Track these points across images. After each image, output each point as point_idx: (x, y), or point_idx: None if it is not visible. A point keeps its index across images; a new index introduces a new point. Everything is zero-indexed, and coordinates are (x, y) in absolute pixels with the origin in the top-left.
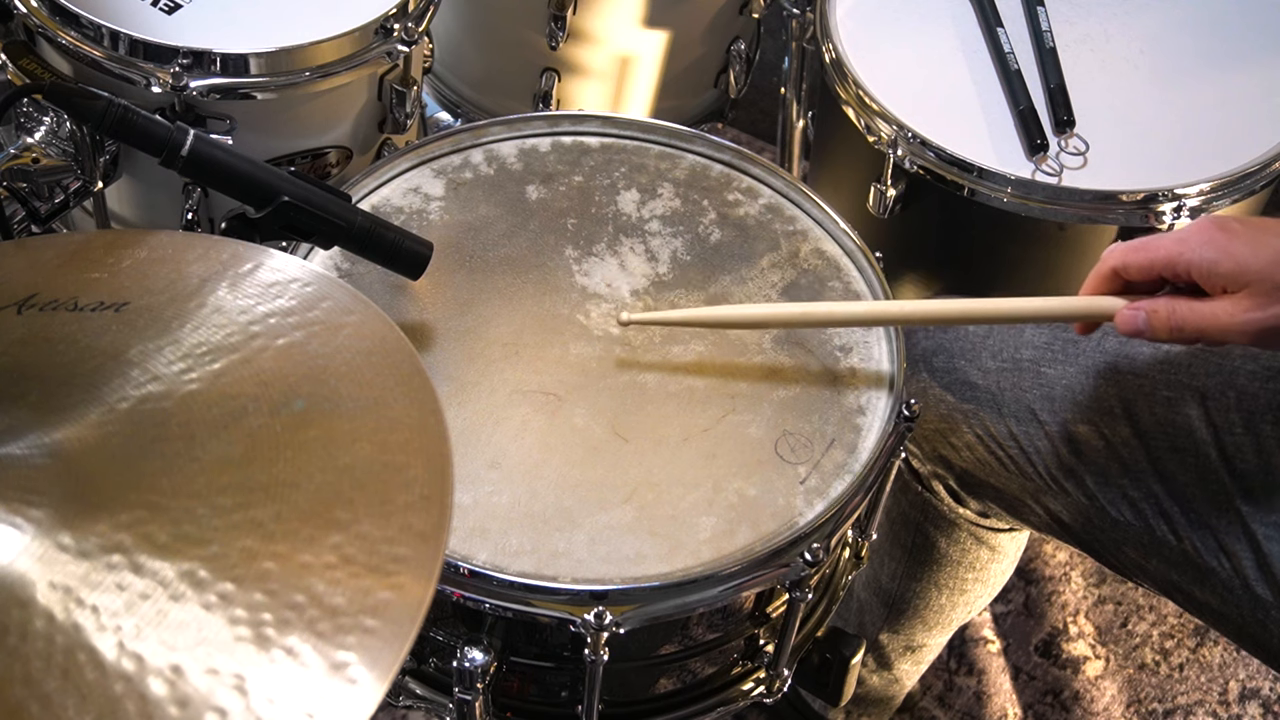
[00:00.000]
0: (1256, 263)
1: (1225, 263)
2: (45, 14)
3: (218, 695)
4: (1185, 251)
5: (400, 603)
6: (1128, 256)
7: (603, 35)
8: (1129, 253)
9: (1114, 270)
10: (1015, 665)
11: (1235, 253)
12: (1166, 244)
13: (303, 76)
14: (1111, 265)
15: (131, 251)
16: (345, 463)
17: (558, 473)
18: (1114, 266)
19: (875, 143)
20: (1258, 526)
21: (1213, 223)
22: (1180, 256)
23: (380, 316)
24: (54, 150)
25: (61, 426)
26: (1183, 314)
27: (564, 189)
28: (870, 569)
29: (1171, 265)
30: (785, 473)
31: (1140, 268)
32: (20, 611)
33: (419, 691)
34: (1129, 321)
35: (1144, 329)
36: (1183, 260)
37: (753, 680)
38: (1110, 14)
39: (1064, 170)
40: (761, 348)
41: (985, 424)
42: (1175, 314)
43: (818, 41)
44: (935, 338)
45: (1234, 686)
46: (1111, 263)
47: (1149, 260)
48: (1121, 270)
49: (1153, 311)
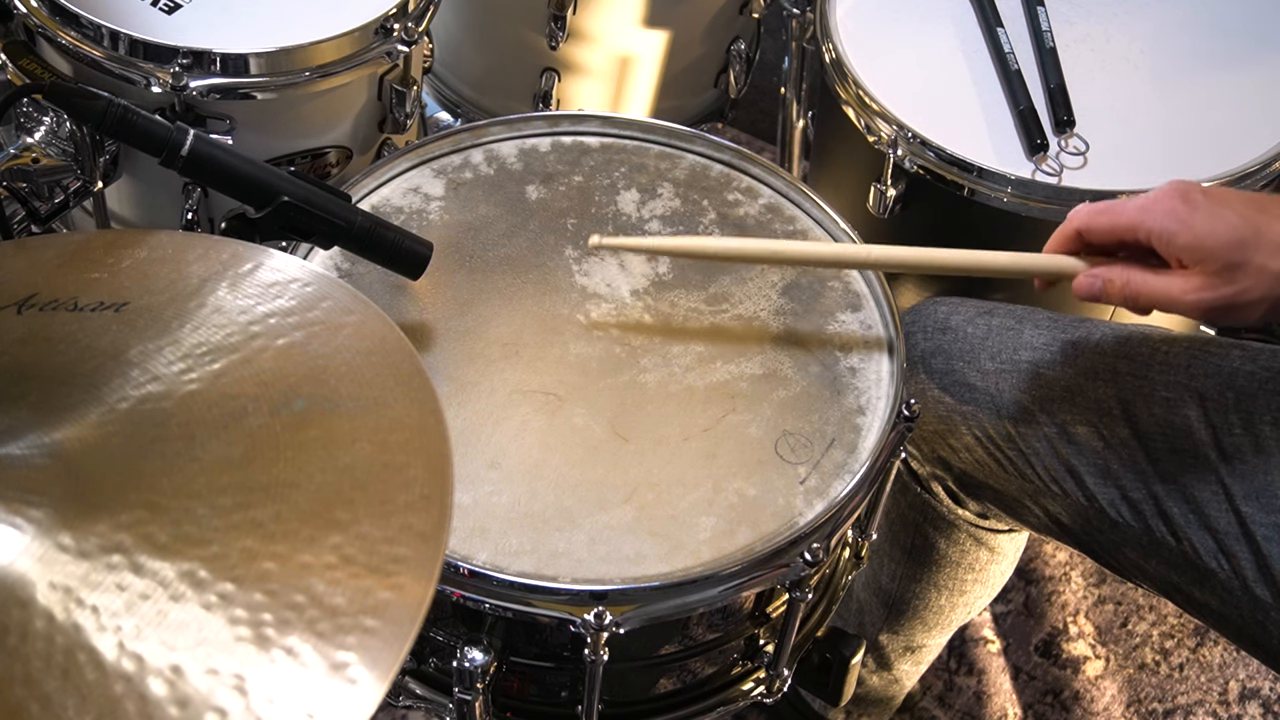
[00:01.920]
0: (1213, 240)
1: (1184, 235)
2: (45, 14)
3: (218, 695)
4: (1147, 220)
5: (400, 603)
6: (1092, 219)
7: (603, 35)
8: (1093, 215)
9: (1077, 231)
10: (1015, 665)
11: (1195, 227)
12: (1130, 211)
13: (303, 76)
14: (1076, 226)
15: (131, 251)
16: (345, 463)
17: (558, 473)
18: (1078, 228)
19: (875, 143)
20: (1257, 527)
21: (1177, 192)
22: (1142, 225)
23: (380, 316)
24: (54, 150)
25: (61, 426)
26: (1137, 284)
27: (564, 189)
28: (870, 570)
29: (1133, 231)
30: (785, 473)
31: (1103, 231)
32: (20, 611)
33: (419, 691)
34: (1086, 287)
35: (1100, 295)
36: (1144, 228)
37: (753, 680)
38: (1110, 14)
39: (1064, 170)
40: (761, 347)
41: (984, 425)
42: (1130, 284)
43: (818, 41)
44: (934, 339)
45: (1234, 686)
46: (1076, 223)
47: (1111, 225)
48: (1085, 232)
49: (1108, 280)
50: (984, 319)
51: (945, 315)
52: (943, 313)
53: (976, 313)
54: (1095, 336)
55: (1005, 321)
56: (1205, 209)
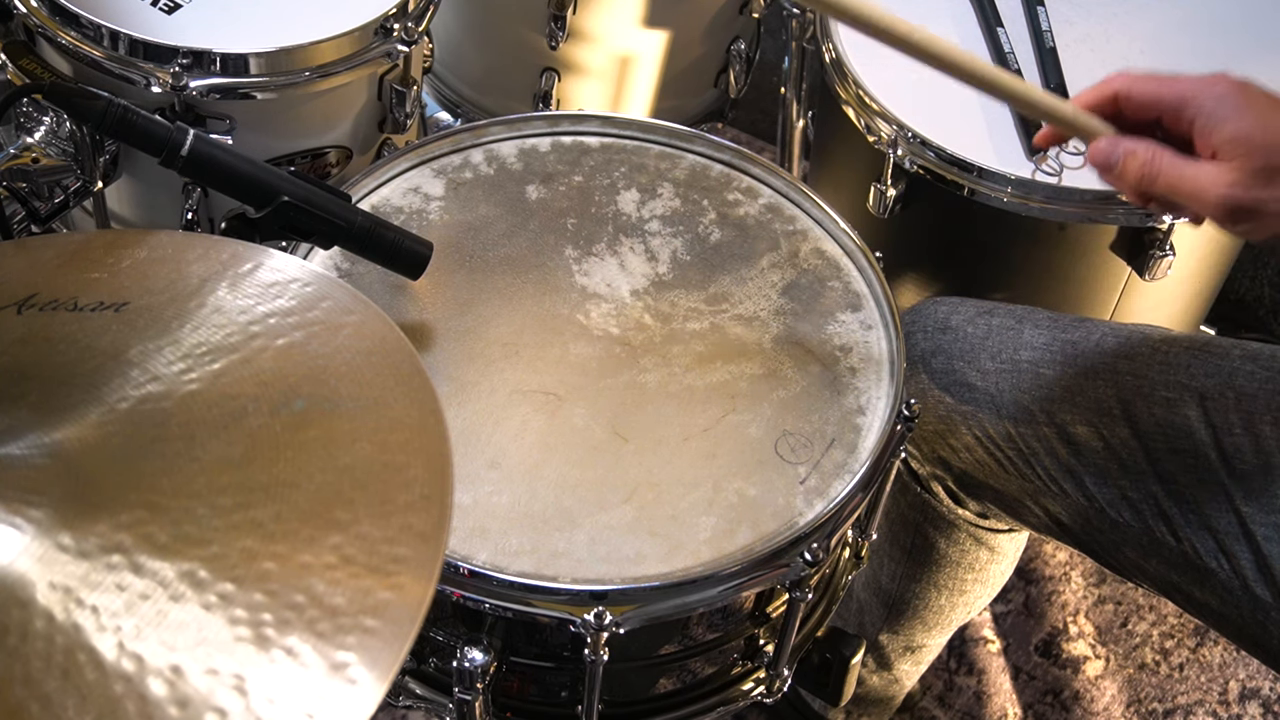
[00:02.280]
0: (1262, 136)
1: (1233, 123)
2: (45, 14)
3: (218, 695)
4: (1200, 97)
5: (400, 603)
6: (1136, 83)
7: (603, 35)
8: (1138, 81)
9: (1116, 94)
10: (1015, 665)
11: (1246, 119)
12: (1182, 84)
13: (303, 76)
14: (1115, 88)
15: (131, 251)
16: (345, 463)
17: (558, 473)
18: (1117, 89)
19: (875, 143)
20: (1257, 527)
21: (1235, 82)
22: (1193, 100)
23: (380, 316)
24: (54, 150)
25: (61, 426)
26: (1161, 164)
27: (564, 189)
28: (870, 570)
29: (1179, 106)
30: (785, 473)
31: (1146, 96)
32: (20, 611)
33: (419, 691)
34: (1103, 153)
35: (1114, 165)
36: (1194, 104)
37: (753, 680)
38: (1110, 14)
39: (1064, 170)
40: (761, 347)
41: (984, 425)
42: (1154, 161)
43: (818, 41)
44: (934, 339)
45: (1234, 686)
46: (1116, 85)
47: (1156, 93)
48: (1124, 95)
49: (1130, 152)
50: (984, 319)
51: (945, 315)
52: (943, 312)
53: (976, 313)
54: (1095, 336)
55: (1005, 321)
56: (1261, 104)
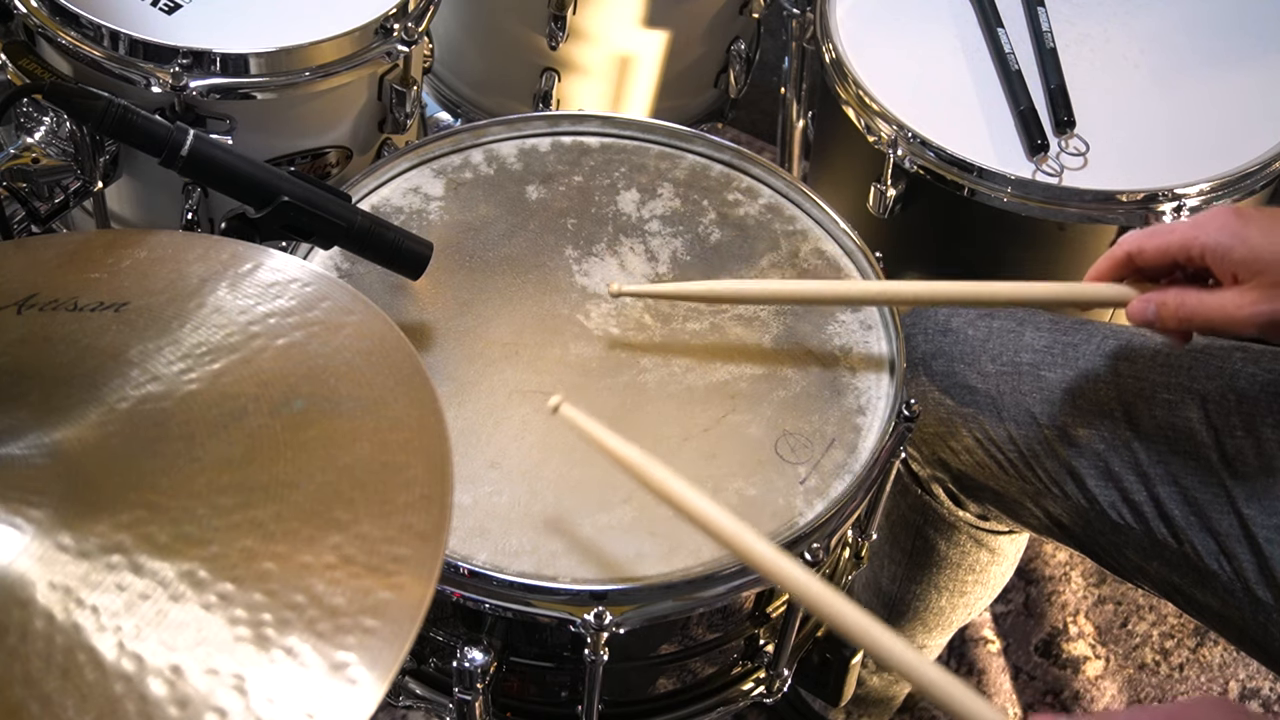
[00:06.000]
0: (1269, 252)
1: (1240, 249)
2: (45, 14)
3: (218, 695)
4: (1201, 235)
5: (400, 603)
6: (1143, 241)
7: (603, 35)
8: (1144, 238)
9: (1128, 255)
10: (1015, 665)
11: (1250, 240)
12: (1182, 228)
13: (303, 76)
14: (1126, 250)
15: (131, 251)
16: (345, 463)
17: (558, 473)
18: (1129, 251)
19: (875, 143)
20: (1259, 529)
21: (1229, 209)
22: (1196, 240)
23: (380, 316)
24: (54, 150)
25: (61, 426)
26: (1191, 305)
27: (564, 189)
28: (870, 571)
29: (1186, 248)
30: (785, 473)
31: (1156, 250)
32: (20, 611)
33: (419, 691)
34: (1140, 313)
35: (1153, 320)
36: (1198, 244)
37: (753, 680)
38: (1110, 14)
39: (1064, 170)
40: (761, 348)
41: (985, 427)
42: (1184, 305)
43: (818, 41)
44: (935, 341)
45: (1234, 686)
46: (1126, 247)
47: (1164, 244)
48: (1136, 255)
49: (1161, 304)
50: (985, 321)
51: (946, 317)
52: (943, 315)
53: (977, 315)
54: (1096, 339)
55: (1006, 324)
56: (1259, 223)
